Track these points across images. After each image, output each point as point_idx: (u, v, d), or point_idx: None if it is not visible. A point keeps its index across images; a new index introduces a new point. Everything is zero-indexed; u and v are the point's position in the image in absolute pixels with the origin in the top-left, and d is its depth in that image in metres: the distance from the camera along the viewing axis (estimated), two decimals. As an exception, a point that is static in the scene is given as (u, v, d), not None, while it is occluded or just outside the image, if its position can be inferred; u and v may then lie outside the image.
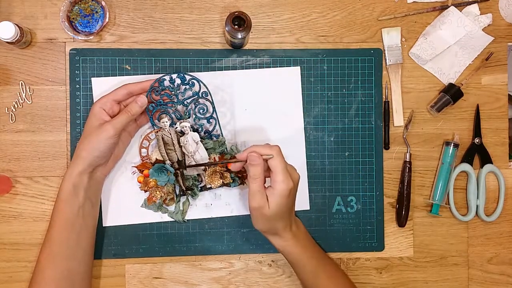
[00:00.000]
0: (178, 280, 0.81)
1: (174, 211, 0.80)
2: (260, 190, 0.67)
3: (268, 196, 0.68)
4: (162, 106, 0.77)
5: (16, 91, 0.80)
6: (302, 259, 0.74)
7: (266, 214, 0.68)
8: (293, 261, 0.74)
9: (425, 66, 0.84)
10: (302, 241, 0.74)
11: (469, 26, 0.82)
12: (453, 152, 0.82)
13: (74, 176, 0.71)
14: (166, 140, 0.77)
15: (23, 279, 0.79)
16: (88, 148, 0.71)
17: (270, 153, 0.68)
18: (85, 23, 0.80)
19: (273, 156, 0.67)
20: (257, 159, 0.67)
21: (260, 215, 0.69)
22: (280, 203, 0.68)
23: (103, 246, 0.80)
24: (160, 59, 0.81)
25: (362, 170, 0.83)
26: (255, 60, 0.82)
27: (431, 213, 0.83)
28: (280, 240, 0.72)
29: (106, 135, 0.71)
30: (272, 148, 0.68)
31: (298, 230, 0.74)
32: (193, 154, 0.77)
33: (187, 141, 0.76)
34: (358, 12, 0.83)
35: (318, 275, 0.74)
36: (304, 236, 0.75)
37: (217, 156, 0.78)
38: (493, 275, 0.84)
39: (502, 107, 0.85)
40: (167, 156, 0.77)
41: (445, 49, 0.82)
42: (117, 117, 0.72)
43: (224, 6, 0.82)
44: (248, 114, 0.81)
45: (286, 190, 0.67)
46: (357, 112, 0.83)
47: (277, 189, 0.67)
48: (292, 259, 0.74)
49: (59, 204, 0.72)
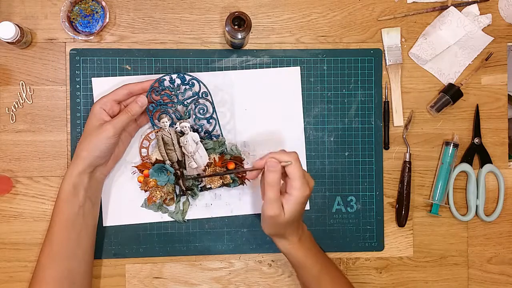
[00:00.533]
0: (178, 280, 0.82)
1: (174, 211, 0.80)
2: (277, 198, 0.66)
3: (284, 203, 0.66)
4: (162, 106, 0.77)
5: (16, 91, 0.80)
6: (306, 262, 0.73)
7: (280, 222, 0.67)
8: (297, 264, 0.73)
9: (425, 66, 0.84)
10: (307, 244, 0.73)
11: (468, 26, 0.82)
12: (453, 152, 0.82)
13: (74, 176, 0.71)
14: (166, 140, 0.77)
15: (24, 279, 0.79)
16: (88, 148, 0.71)
17: (288, 159, 0.66)
18: (85, 23, 0.80)
19: (291, 163, 0.66)
20: (276, 166, 0.65)
21: (274, 223, 0.68)
22: (295, 210, 0.66)
23: (103, 246, 0.80)
24: (160, 59, 0.81)
25: (362, 170, 0.83)
26: (255, 60, 0.82)
27: (431, 213, 0.83)
28: (286, 243, 0.72)
29: (106, 135, 0.71)
30: (290, 155, 0.67)
31: (303, 234, 0.73)
32: (193, 154, 0.77)
33: (187, 141, 0.77)
34: (358, 12, 0.84)
35: (321, 279, 0.73)
36: (309, 239, 0.75)
37: (217, 156, 0.78)
38: (493, 275, 0.85)
39: (502, 107, 0.85)
40: (167, 156, 0.77)
41: (445, 49, 0.83)
42: (117, 117, 0.73)
43: (224, 6, 0.82)
44: (248, 114, 0.81)
45: (302, 197, 0.66)
46: (357, 112, 0.83)
47: (294, 195, 0.66)
48: (296, 262, 0.73)
49: (60, 204, 0.72)
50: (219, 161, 0.77)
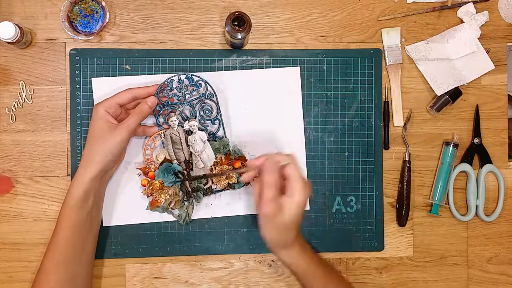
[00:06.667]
0: (178, 280, 0.82)
1: (180, 218, 0.79)
2: (275, 197, 0.65)
3: (285, 204, 0.66)
4: (169, 106, 0.77)
5: (16, 91, 0.80)
6: (310, 270, 0.71)
7: (279, 223, 0.66)
8: (303, 273, 0.71)
9: (420, 67, 0.83)
10: (309, 252, 0.72)
11: (475, 47, 0.82)
12: (453, 152, 0.82)
13: (87, 181, 0.70)
14: (174, 139, 0.77)
15: (24, 279, 0.79)
16: (101, 152, 0.70)
17: (287, 159, 0.66)
18: (85, 23, 0.80)
19: (290, 163, 0.66)
20: (274, 165, 0.65)
21: (272, 224, 0.67)
22: (296, 213, 0.66)
23: (104, 246, 0.80)
24: (160, 59, 0.81)
25: (362, 170, 0.83)
26: (255, 60, 0.82)
27: (431, 213, 0.83)
28: (288, 253, 0.70)
29: (121, 138, 0.70)
30: (288, 156, 0.66)
31: (304, 242, 0.72)
32: (200, 153, 0.77)
33: (194, 140, 0.76)
34: (358, 12, 0.84)
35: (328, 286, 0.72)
36: (309, 247, 0.74)
37: (222, 157, 0.78)
38: (493, 275, 0.85)
39: (502, 107, 0.85)
40: (174, 155, 0.77)
41: (439, 59, 0.82)
42: (128, 119, 0.72)
43: (224, 6, 0.82)
44: (248, 114, 0.81)
45: (303, 200, 0.66)
46: (357, 112, 0.83)
47: (296, 197, 0.65)
48: (302, 271, 0.71)
49: (68, 210, 0.70)
50: (225, 161, 0.77)
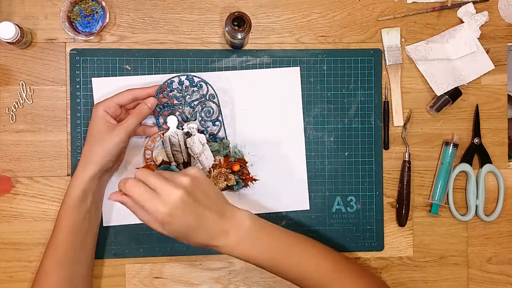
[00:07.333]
0: (178, 280, 0.82)
1: None
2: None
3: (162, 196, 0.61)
4: (169, 107, 0.77)
5: (16, 91, 0.80)
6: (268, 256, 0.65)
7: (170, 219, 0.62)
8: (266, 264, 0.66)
9: (419, 67, 0.83)
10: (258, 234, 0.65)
11: (475, 47, 0.82)
12: (453, 152, 0.82)
13: (85, 181, 0.70)
14: (173, 141, 0.77)
15: (24, 279, 0.79)
16: (100, 152, 0.70)
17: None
18: (85, 24, 0.80)
19: None
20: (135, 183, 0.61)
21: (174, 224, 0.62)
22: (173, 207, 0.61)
23: (103, 246, 0.80)
24: (160, 59, 0.81)
25: (361, 170, 0.83)
26: (255, 60, 0.82)
27: (431, 213, 0.83)
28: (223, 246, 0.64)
29: (119, 139, 0.70)
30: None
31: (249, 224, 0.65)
32: (199, 155, 0.77)
33: (193, 142, 0.76)
34: (358, 13, 0.84)
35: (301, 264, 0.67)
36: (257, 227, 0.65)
37: (221, 159, 0.77)
38: (493, 275, 0.85)
39: (502, 107, 0.85)
40: (173, 157, 0.77)
41: (439, 59, 0.82)
42: (127, 120, 0.72)
43: (224, 6, 0.82)
44: (248, 114, 0.81)
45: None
46: (357, 112, 0.83)
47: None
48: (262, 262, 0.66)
49: (66, 210, 0.70)
50: (224, 163, 0.77)
